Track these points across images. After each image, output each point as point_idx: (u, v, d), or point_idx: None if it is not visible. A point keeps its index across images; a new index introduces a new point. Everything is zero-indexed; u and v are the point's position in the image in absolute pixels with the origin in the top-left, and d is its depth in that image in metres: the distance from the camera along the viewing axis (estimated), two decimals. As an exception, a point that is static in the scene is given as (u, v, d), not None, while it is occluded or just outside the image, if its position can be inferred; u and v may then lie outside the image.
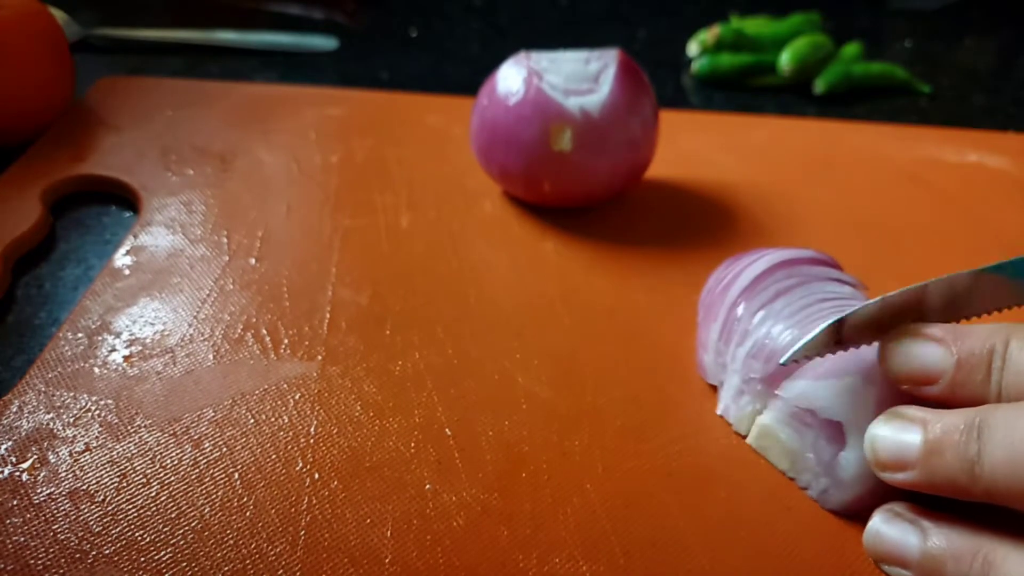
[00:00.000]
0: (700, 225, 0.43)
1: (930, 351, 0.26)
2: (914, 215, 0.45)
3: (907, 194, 0.47)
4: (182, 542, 0.26)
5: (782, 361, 0.27)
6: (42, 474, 0.28)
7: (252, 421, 0.30)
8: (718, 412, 0.32)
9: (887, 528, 0.26)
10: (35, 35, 0.44)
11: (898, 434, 0.25)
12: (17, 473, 0.28)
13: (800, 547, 0.27)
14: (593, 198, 0.42)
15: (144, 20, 0.62)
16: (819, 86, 0.59)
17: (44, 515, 0.26)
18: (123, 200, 0.43)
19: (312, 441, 0.30)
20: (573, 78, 0.39)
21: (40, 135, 0.45)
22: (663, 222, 0.43)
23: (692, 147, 0.50)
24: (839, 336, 0.27)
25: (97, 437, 0.29)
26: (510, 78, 0.40)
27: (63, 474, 0.28)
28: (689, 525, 0.28)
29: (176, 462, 0.28)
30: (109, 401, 0.31)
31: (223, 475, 0.28)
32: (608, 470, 0.29)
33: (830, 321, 0.26)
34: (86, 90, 0.50)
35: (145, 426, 0.30)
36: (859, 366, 0.28)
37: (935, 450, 0.24)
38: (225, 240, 0.39)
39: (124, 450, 0.29)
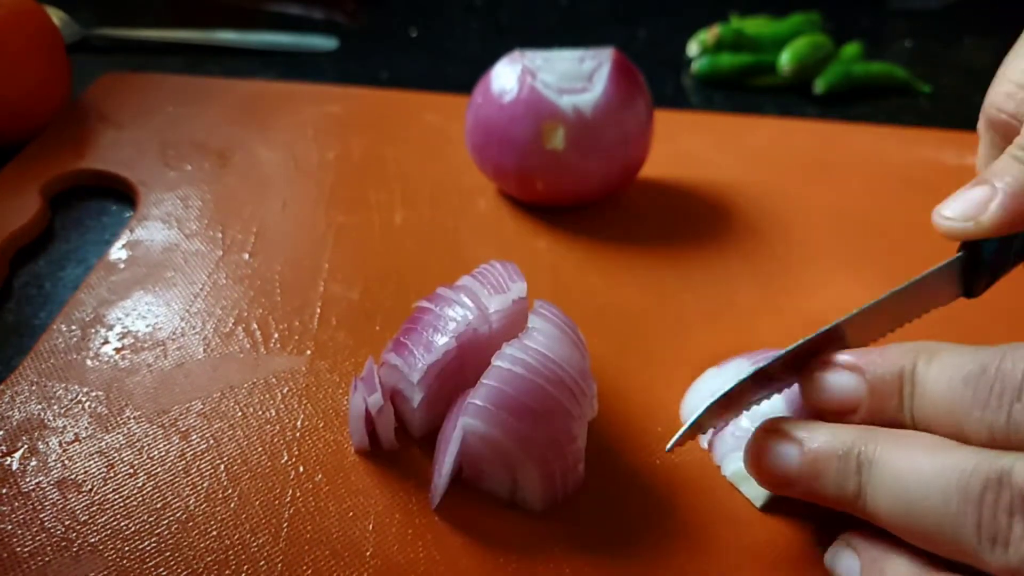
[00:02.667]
0: (693, 225, 0.43)
1: (843, 380, 0.25)
2: (911, 217, 0.45)
3: (904, 196, 0.47)
4: (166, 532, 0.26)
5: (667, 448, 0.26)
6: (32, 463, 0.28)
7: (240, 414, 0.30)
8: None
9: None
10: (30, 35, 0.44)
11: (780, 450, 0.25)
12: (7, 462, 0.28)
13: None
14: (586, 197, 0.42)
15: (144, 20, 0.63)
16: (819, 86, 0.58)
17: (32, 503, 0.27)
18: (122, 195, 0.44)
19: (298, 435, 0.30)
20: (567, 77, 0.40)
21: (36, 135, 0.46)
22: (657, 222, 0.43)
23: (688, 147, 0.50)
24: (761, 385, 0.26)
25: (87, 428, 0.30)
26: (504, 76, 0.40)
27: (52, 464, 0.28)
28: (667, 521, 0.28)
29: (163, 453, 0.29)
30: (100, 393, 0.31)
31: (209, 467, 0.28)
32: (591, 466, 0.29)
33: (726, 389, 0.26)
34: (86, 89, 0.51)
35: (134, 417, 0.30)
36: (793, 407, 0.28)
37: (812, 473, 0.24)
38: (220, 235, 0.40)
39: (113, 441, 0.29)
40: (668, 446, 0.26)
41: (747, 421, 0.29)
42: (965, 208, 0.26)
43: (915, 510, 0.22)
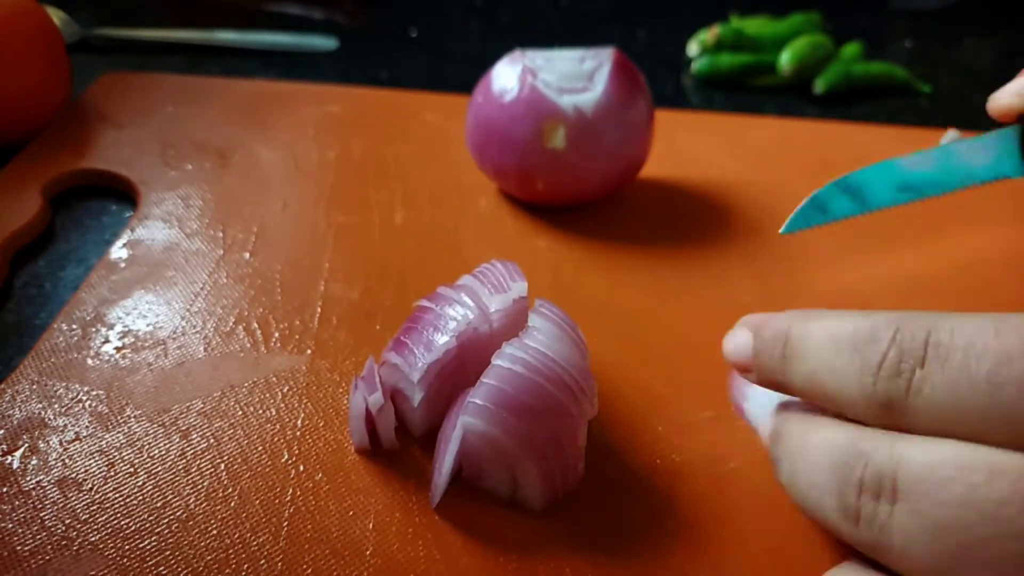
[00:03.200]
0: (694, 224, 0.43)
1: (738, 339, 0.25)
2: (909, 215, 0.45)
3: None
4: (167, 531, 0.26)
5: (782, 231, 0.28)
6: (32, 462, 0.28)
7: (240, 413, 0.31)
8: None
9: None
10: (30, 35, 0.44)
11: (738, 338, 0.25)
12: (8, 461, 0.28)
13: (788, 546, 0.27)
14: (587, 196, 0.42)
15: (144, 20, 0.63)
16: (819, 86, 0.58)
17: (32, 502, 0.27)
18: (122, 195, 0.44)
19: (299, 434, 0.30)
20: (568, 76, 0.40)
21: (36, 135, 0.46)
22: (657, 221, 0.43)
23: (689, 147, 0.50)
24: None
25: (87, 427, 0.30)
26: (504, 76, 0.40)
27: (53, 463, 0.28)
28: (667, 520, 0.28)
29: (164, 452, 0.29)
30: (100, 391, 0.31)
31: (209, 466, 0.28)
32: (591, 465, 0.29)
33: None
34: (86, 89, 0.51)
35: (135, 416, 0.30)
36: None
37: (757, 354, 0.25)
38: (220, 235, 0.40)
39: (113, 440, 0.29)
40: (784, 228, 0.28)
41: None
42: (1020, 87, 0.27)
43: (822, 376, 0.22)
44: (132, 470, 0.28)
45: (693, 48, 0.62)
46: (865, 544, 0.21)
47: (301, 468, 0.29)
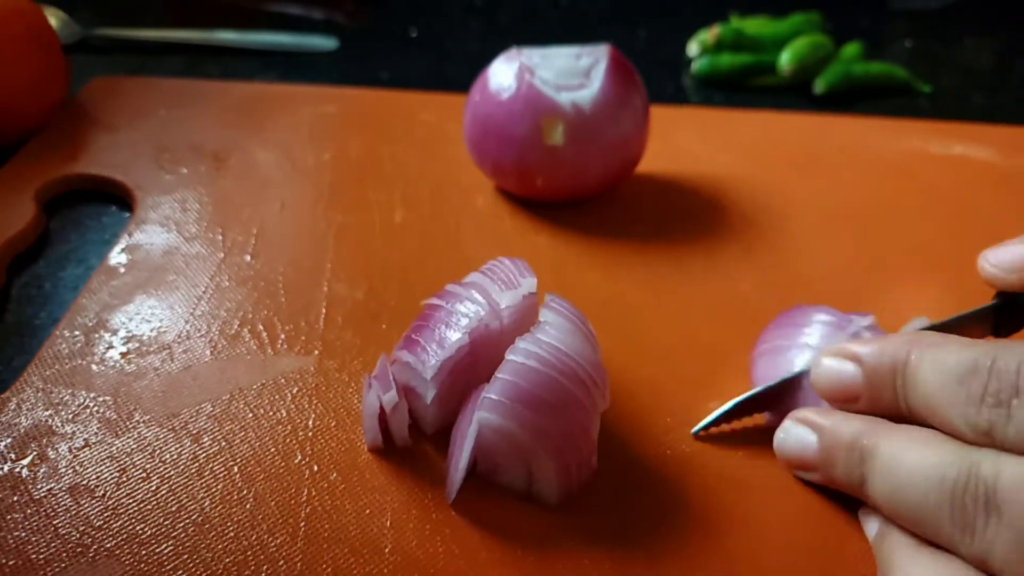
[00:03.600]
0: (692, 219, 0.43)
1: (843, 369, 0.27)
2: (902, 207, 0.46)
3: (895, 186, 0.47)
4: (183, 535, 0.26)
5: (692, 431, 0.30)
6: (42, 470, 0.28)
7: (250, 415, 0.30)
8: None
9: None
10: (23, 34, 0.44)
11: (800, 435, 0.28)
12: (17, 469, 0.28)
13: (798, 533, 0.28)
14: (585, 192, 0.42)
15: (144, 20, 0.62)
16: (819, 86, 0.59)
17: (45, 510, 0.27)
18: (118, 199, 0.43)
19: (311, 434, 0.30)
20: (564, 73, 0.40)
21: (33, 135, 0.45)
22: (655, 216, 0.43)
23: (685, 142, 0.50)
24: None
25: (96, 433, 0.29)
26: (501, 73, 0.40)
27: (63, 470, 0.28)
28: (681, 511, 0.28)
29: (175, 456, 0.29)
30: (107, 398, 0.31)
31: (223, 469, 0.28)
32: (603, 458, 0.29)
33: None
34: (77, 93, 0.50)
35: (144, 421, 0.30)
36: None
37: (828, 461, 0.27)
38: (220, 237, 0.40)
39: (123, 445, 0.29)
40: (695, 430, 0.29)
41: None
42: (1012, 260, 0.28)
43: (902, 499, 0.24)
44: (145, 475, 0.28)
45: (693, 48, 0.63)
46: (975, 558, 0.22)
47: (315, 468, 0.29)
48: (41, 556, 0.25)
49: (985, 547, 0.22)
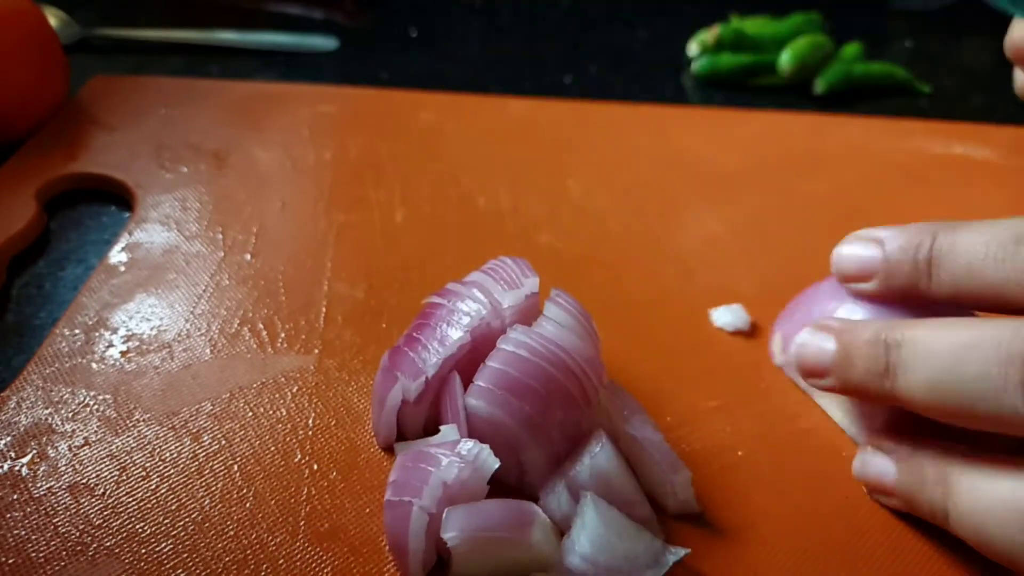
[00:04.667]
0: (694, 218, 0.43)
1: (862, 250, 0.27)
2: (902, 207, 0.46)
3: (896, 186, 0.47)
4: (183, 534, 0.26)
5: None
6: (42, 468, 0.28)
7: (250, 414, 0.30)
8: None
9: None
10: (21, 34, 0.43)
11: (817, 342, 0.27)
12: (17, 467, 0.28)
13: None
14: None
15: (144, 20, 0.62)
16: (819, 86, 0.59)
17: (44, 509, 0.27)
18: (118, 198, 0.43)
19: (310, 433, 0.30)
20: None
21: (33, 134, 0.45)
22: (655, 215, 0.43)
23: (685, 142, 0.50)
24: None
25: (96, 431, 0.29)
26: None
27: (63, 468, 0.28)
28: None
29: (175, 455, 0.29)
30: (107, 396, 0.31)
31: (222, 467, 0.28)
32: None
33: None
34: (76, 92, 0.50)
35: (144, 420, 0.30)
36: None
37: (846, 359, 0.26)
38: (220, 236, 0.40)
39: (123, 444, 0.29)
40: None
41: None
42: None
43: (951, 383, 0.23)
44: (144, 474, 0.28)
45: (693, 48, 0.62)
46: None
47: (315, 467, 0.29)
48: (41, 554, 0.25)
49: None
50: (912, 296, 0.27)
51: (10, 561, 0.25)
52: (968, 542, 0.25)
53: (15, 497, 0.27)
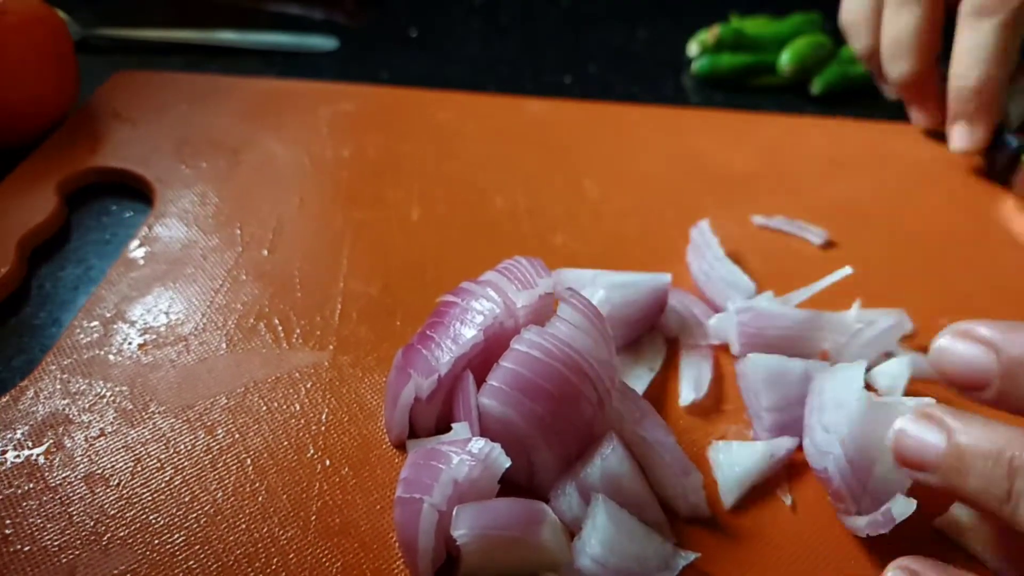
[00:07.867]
0: (693, 220, 0.43)
1: (975, 353, 0.24)
2: (918, 210, 0.45)
3: (911, 190, 0.47)
4: (195, 526, 0.26)
5: None
6: (58, 458, 0.28)
7: (264, 408, 0.31)
8: None
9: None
10: (40, 40, 0.44)
11: (919, 434, 0.24)
12: (33, 457, 0.28)
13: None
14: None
15: (144, 20, 0.63)
16: (816, 86, 0.59)
17: (60, 498, 0.27)
18: (138, 193, 0.44)
19: (323, 428, 0.30)
20: None
21: (44, 137, 0.46)
22: (668, 215, 0.43)
23: (685, 142, 0.50)
24: None
25: (112, 423, 0.30)
26: None
27: (78, 458, 0.28)
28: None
29: (190, 448, 0.29)
30: (124, 388, 0.31)
31: (236, 461, 0.29)
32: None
33: None
34: (97, 88, 0.51)
35: (159, 412, 0.30)
36: None
37: (959, 465, 0.23)
38: (238, 232, 0.40)
39: (138, 435, 0.29)
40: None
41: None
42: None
43: None
44: (159, 465, 0.28)
45: (693, 48, 0.62)
46: None
47: (327, 463, 0.29)
48: (55, 543, 0.26)
49: None
50: None
51: (25, 549, 0.25)
52: None
53: (31, 486, 0.27)
